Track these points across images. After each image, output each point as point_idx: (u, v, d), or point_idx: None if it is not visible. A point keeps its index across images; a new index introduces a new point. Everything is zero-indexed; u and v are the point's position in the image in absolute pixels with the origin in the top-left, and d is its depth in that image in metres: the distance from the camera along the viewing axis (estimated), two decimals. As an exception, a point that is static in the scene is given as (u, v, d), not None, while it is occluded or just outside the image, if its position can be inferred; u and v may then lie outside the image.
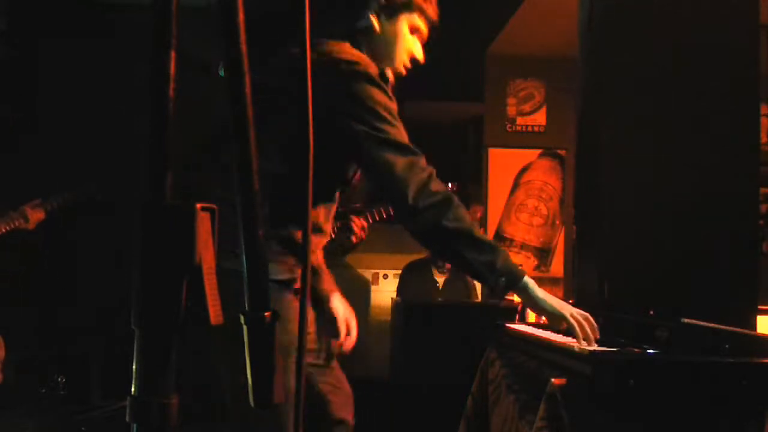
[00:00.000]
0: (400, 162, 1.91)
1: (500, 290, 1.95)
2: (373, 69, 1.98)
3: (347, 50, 1.99)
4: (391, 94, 1.99)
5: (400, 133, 1.95)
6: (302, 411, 0.91)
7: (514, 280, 1.94)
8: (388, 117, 1.94)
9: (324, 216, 2.07)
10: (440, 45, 2.23)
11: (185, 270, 0.74)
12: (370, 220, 3.70)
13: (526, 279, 1.96)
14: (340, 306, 2.35)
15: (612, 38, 2.65)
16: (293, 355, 1.79)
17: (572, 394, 1.75)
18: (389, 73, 2.11)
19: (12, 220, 3.68)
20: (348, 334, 2.33)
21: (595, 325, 1.99)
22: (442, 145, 5.50)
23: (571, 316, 1.94)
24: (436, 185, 1.93)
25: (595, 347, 1.95)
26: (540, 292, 1.98)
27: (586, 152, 2.83)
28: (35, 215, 3.73)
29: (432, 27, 2.16)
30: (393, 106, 1.97)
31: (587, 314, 1.99)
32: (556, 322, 1.97)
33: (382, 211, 3.69)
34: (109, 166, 4.45)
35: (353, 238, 3.68)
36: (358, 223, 3.66)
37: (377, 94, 1.94)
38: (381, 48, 2.09)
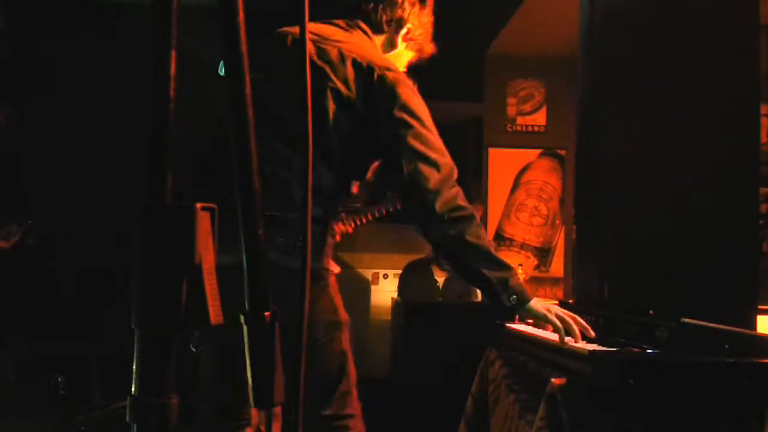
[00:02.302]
0: (435, 176, 2.00)
1: (508, 307, 2.06)
2: (399, 71, 2.09)
3: (383, 56, 2.14)
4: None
5: (438, 143, 2.05)
6: (302, 411, 0.91)
7: (524, 300, 2.05)
8: (429, 126, 2.04)
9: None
10: (440, 45, 2.26)
11: (185, 270, 0.74)
12: (363, 221, 3.70)
13: (533, 300, 2.07)
14: None
15: (612, 38, 2.65)
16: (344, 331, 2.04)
17: (572, 394, 1.75)
18: None
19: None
20: None
21: (585, 324, 2.04)
22: (442, 145, 5.48)
23: (556, 315, 2.03)
24: (462, 201, 2.03)
25: (582, 344, 1.96)
26: (536, 311, 2.07)
27: (586, 152, 2.83)
28: (14, 235, 3.74)
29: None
30: (427, 109, 2.07)
31: (574, 315, 2.06)
32: (543, 324, 2.08)
33: (378, 211, 3.68)
34: (112, 166, 4.45)
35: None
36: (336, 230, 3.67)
37: (419, 104, 2.05)
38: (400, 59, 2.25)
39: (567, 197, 5.65)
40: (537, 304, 2.08)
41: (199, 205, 0.75)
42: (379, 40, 2.22)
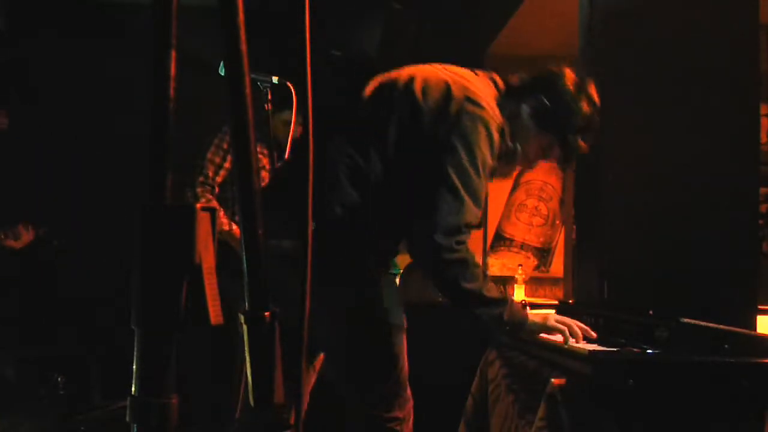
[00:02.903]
0: (452, 214, 1.99)
1: (504, 336, 2.15)
2: (495, 118, 2.06)
3: (482, 94, 2.09)
4: (496, 151, 2.07)
5: (478, 188, 2.03)
6: (302, 411, 0.91)
7: (521, 327, 2.09)
8: (478, 169, 2.02)
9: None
10: (440, 45, 2.26)
11: (185, 270, 0.74)
12: None
13: (529, 322, 2.10)
14: None
15: (612, 38, 2.65)
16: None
17: (572, 394, 1.75)
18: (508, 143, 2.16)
19: (1, 234, 3.69)
20: None
21: (584, 326, 2.07)
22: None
23: (556, 321, 2.07)
24: (463, 248, 2.01)
25: (582, 344, 1.97)
26: (532, 323, 2.10)
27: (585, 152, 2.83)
28: (26, 236, 3.74)
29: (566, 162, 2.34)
30: (489, 161, 2.05)
31: (570, 323, 2.08)
32: (550, 333, 2.09)
33: None
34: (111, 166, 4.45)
35: None
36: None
37: (481, 145, 2.02)
38: (512, 132, 2.17)
39: (567, 197, 5.65)
40: (535, 319, 2.11)
41: (199, 206, 0.75)
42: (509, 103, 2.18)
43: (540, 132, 2.17)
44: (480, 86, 2.13)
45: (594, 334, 2.05)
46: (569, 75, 2.17)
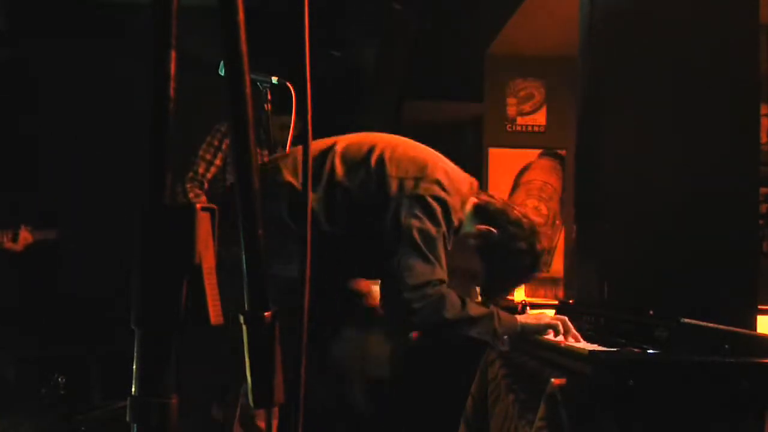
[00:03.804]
0: (419, 275, 2.09)
1: (503, 346, 2.18)
2: (453, 205, 2.19)
3: (455, 188, 2.23)
4: (450, 237, 2.20)
5: (440, 253, 2.14)
6: (302, 410, 0.91)
7: (513, 333, 2.15)
8: (441, 239, 2.15)
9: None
10: (440, 45, 2.26)
11: (185, 270, 0.74)
12: None
13: (520, 324, 2.17)
14: None
15: (612, 38, 2.65)
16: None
17: (572, 394, 1.75)
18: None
19: (2, 236, 3.69)
20: None
21: (570, 325, 2.13)
22: (442, 145, 5.49)
23: (552, 319, 2.15)
24: (438, 288, 2.11)
25: (582, 344, 1.97)
26: (526, 326, 2.17)
27: (586, 152, 2.83)
28: (25, 237, 3.74)
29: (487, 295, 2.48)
30: (447, 236, 2.17)
31: (564, 317, 2.16)
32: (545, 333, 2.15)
33: None
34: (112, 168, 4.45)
35: None
36: None
37: (441, 217, 2.15)
38: (458, 242, 2.28)
39: (567, 197, 5.65)
40: (527, 320, 2.17)
41: (199, 206, 0.75)
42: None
43: (475, 255, 2.30)
44: (455, 181, 2.25)
45: (581, 340, 2.07)
46: (527, 227, 2.28)
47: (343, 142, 2.28)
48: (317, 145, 2.28)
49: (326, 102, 2.37)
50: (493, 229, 2.25)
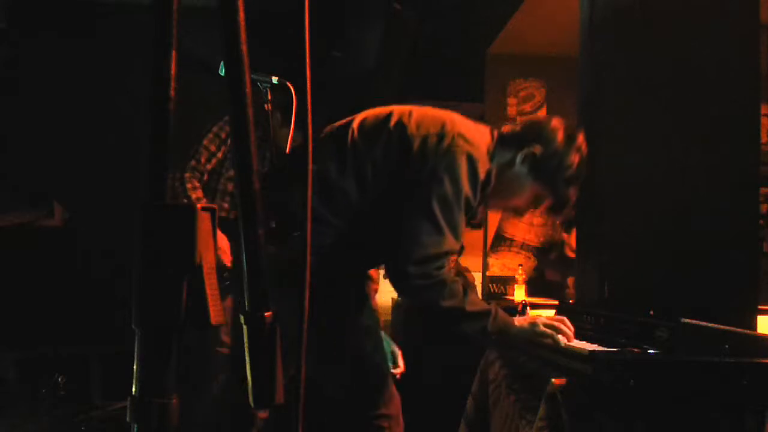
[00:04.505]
0: (429, 245, 2.03)
1: (493, 346, 2.18)
2: (480, 156, 2.12)
3: (475, 137, 2.16)
4: (479, 192, 2.12)
5: (459, 224, 2.07)
6: (302, 410, 0.91)
7: (504, 337, 2.10)
8: (462, 202, 2.07)
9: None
10: (440, 45, 2.26)
11: (185, 270, 0.74)
12: None
13: (514, 329, 2.11)
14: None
15: (612, 38, 2.65)
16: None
17: (573, 394, 1.75)
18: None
19: (36, 214, 3.70)
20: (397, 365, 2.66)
21: (570, 324, 2.09)
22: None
23: (544, 325, 2.08)
24: (442, 271, 2.05)
25: (582, 344, 1.97)
26: (518, 330, 2.12)
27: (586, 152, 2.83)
28: (61, 212, 3.75)
29: (557, 212, 2.37)
30: (471, 198, 2.09)
31: (562, 317, 2.12)
32: (542, 339, 2.10)
33: None
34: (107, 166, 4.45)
35: None
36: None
37: (469, 178, 2.07)
38: (505, 182, 2.23)
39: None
40: (522, 326, 2.12)
41: (199, 206, 0.75)
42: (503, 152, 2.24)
43: (532, 181, 2.22)
44: (476, 133, 2.20)
45: (572, 338, 2.07)
46: (559, 125, 2.21)
47: (359, 117, 2.24)
48: (334, 126, 2.25)
49: (326, 102, 2.37)
50: (535, 148, 2.19)
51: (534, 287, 5.35)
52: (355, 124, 2.20)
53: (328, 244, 2.10)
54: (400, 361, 2.64)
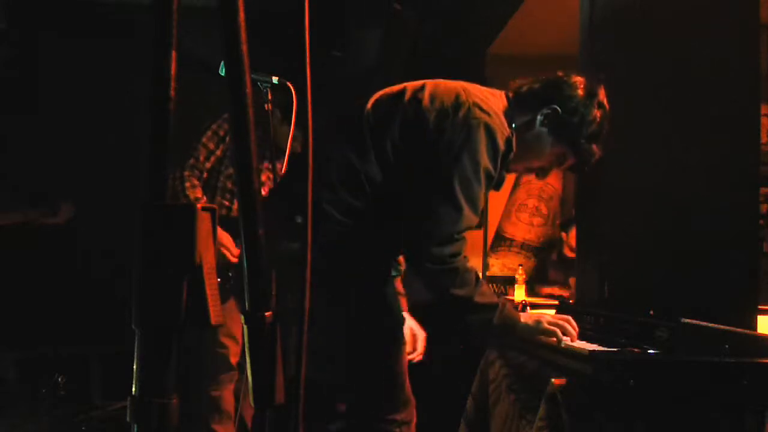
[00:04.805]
0: (448, 224, 1.99)
1: (495, 340, 2.15)
2: (502, 128, 2.05)
3: (492, 104, 2.09)
4: (499, 161, 2.07)
5: (478, 197, 2.03)
6: (302, 409, 0.91)
7: (508, 331, 2.09)
8: (482, 175, 2.01)
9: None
10: (440, 45, 2.26)
11: (185, 270, 0.74)
12: None
13: (520, 324, 2.09)
14: (413, 325, 2.55)
15: (612, 38, 2.65)
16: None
17: (573, 394, 1.75)
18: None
19: (41, 212, 3.69)
20: (415, 350, 2.54)
21: (575, 324, 2.08)
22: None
23: (549, 324, 2.06)
24: (456, 257, 2.02)
25: (582, 344, 1.97)
26: (523, 326, 2.09)
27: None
28: (67, 210, 3.75)
29: (580, 170, 2.34)
30: (491, 169, 2.04)
31: (567, 316, 2.10)
32: (547, 335, 2.08)
33: None
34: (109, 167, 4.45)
35: None
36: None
37: (488, 150, 2.01)
38: (526, 144, 2.17)
39: (567, 197, 5.65)
40: (527, 321, 2.10)
41: (199, 206, 0.75)
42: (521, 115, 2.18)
43: (554, 141, 2.17)
44: (491, 99, 2.13)
45: (576, 339, 2.06)
46: (579, 81, 2.15)
47: (371, 99, 2.18)
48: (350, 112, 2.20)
49: (326, 102, 2.36)
50: (554, 107, 2.13)
51: (537, 287, 5.34)
52: (369, 105, 2.14)
53: (364, 238, 2.04)
54: (419, 345, 2.53)
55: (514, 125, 2.13)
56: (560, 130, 2.15)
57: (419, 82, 2.16)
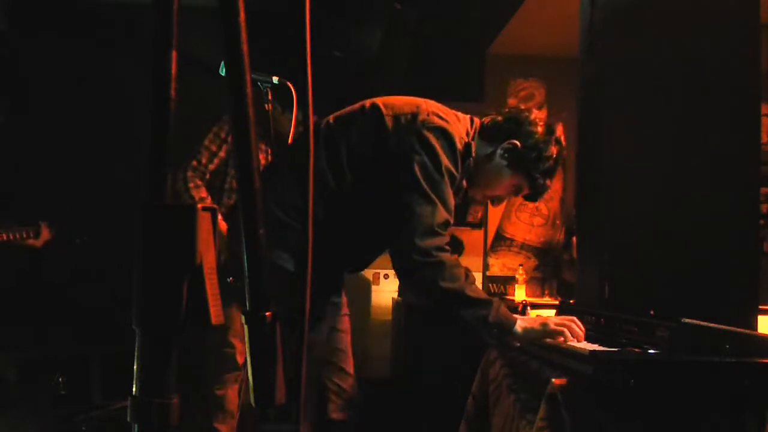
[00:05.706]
0: (427, 219, 2.06)
1: (493, 340, 2.11)
2: (455, 131, 2.17)
3: (451, 119, 2.21)
4: (460, 165, 2.18)
5: (447, 194, 2.11)
6: (303, 409, 0.91)
7: (506, 331, 2.09)
8: (445, 174, 2.11)
9: None
10: (440, 45, 2.29)
11: (186, 270, 0.74)
12: None
13: (517, 325, 2.09)
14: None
15: (612, 38, 2.65)
16: None
17: (573, 394, 1.75)
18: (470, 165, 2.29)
19: (24, 232, 3.69)
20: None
21: (581, 324, 2.09)
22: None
23: (555, 325, 2.07)
24: (440, 250, 2.07)
25: (583, 344, 1.97)
26: (528, 329, 2.10)
27: (586, 152, 2.83)
28: (46, 234, 3.75)
29: (533, 200, 2.46)
30: (453, 171, 2.15)
31: (572, 317, 2.11)
32: (552, 337, 2.08)
33: None
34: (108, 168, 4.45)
35: None
36: None
37: (447, 152, 2.12)
38: (485, 173, 2.31)
39: (567, 197, 5.65)
40: (531, 325, 2.10)
41: (200, 206, 0.75)
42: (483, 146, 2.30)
43: (512, 173, 2.30)
44: (451, 115, 2.24)
45: (583, 339, 2.06)
46: (539, 119, 2.30)
47: (330, 116, 2.32)
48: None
49: (326, 102, 2.37)
50: (514, 142, 2.26)
51: (551, 288, 5.34)
52: (330, 117, 2.28)
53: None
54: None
55: (475, 150, 2.27)
56: (518, 164, 2.29)
57: (381, 98, 2.29)
